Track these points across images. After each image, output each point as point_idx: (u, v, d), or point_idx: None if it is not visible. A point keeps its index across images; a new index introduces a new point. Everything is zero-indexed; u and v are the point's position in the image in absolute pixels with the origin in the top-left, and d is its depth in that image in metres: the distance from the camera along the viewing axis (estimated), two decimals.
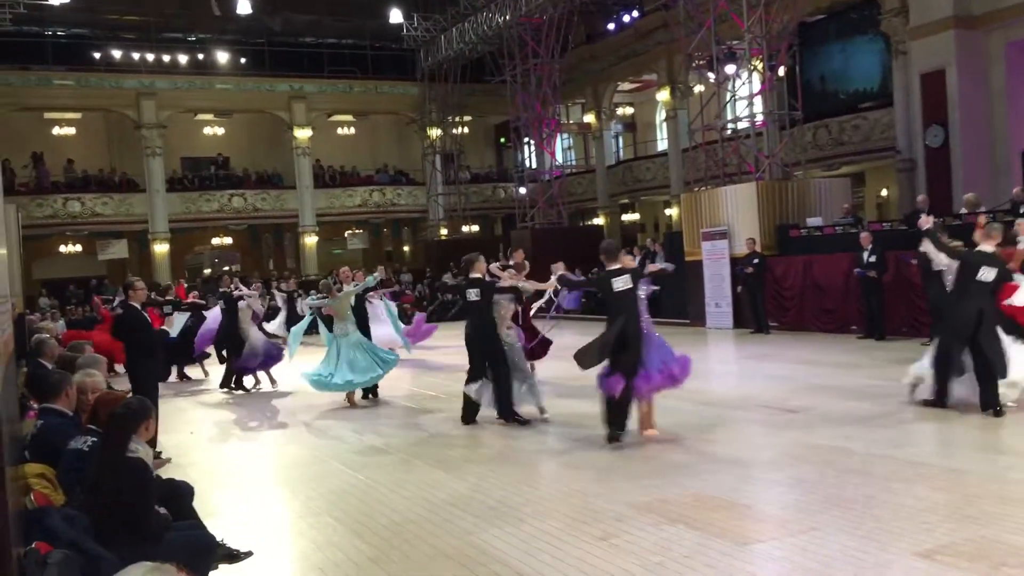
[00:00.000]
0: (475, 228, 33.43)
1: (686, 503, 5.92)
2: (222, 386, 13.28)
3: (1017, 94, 17.63)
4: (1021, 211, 13.04)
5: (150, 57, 29.49)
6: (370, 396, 11.35)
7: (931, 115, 18.12)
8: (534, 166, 28.09)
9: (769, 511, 5.72)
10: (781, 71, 19.07)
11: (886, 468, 6.56)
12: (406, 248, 36.24)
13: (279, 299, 20.21)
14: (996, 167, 17.61)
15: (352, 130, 34.07)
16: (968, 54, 17.71)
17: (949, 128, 17.79)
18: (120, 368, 13.42)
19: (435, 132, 31.97)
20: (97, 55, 29.28)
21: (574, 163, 33.63)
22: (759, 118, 18.43)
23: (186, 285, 20.04)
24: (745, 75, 18.97)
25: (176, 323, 15.01)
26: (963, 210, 14.10)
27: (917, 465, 6.57)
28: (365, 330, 11.60)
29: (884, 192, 23.50)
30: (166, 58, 29.88)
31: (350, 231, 33.09)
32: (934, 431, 7.89)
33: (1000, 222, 9.33)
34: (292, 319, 19.98)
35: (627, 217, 32.06)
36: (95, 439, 4.62)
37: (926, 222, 8.59)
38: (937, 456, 6.81)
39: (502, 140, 35.13)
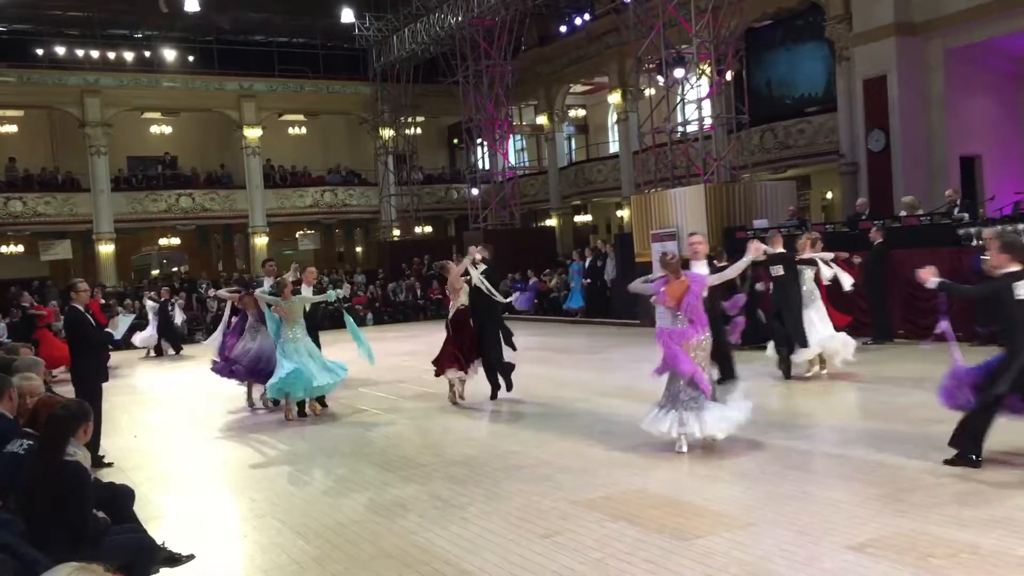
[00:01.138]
0: (428, 229, 33.36)
1: (629, 500, 6.03)
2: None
3: (955, 100, 18.14)
4: (955, 211, 13.50)
5: (95, 54, 28.96)
6: (317, 408, 10.66)
7: (873, 120, 18.55)
8: (487, 167, 28.12)
9: (710, 507, 5.83)
10: (729, 75, 19.38)
11: (824, 464, 6.74)
12: (358, 249, 36.04)
13: (149, 309, 20.01)
14: (934, 171, 18.09)
15: (303, 130, 33.78)
16: (908, 61, 18.16)
17: (890, 133, 18.23)
18: (56, 372, 13.19)
19: (387, 132, 31.83)
20: (40, 51, 28.63)
21: (527, 164, 33.77)
22: (707, 121, 18.70)
23: (101, 295, 19.71)
24: (694, 79, 19.24)
25: (121, 325, 14.70)
26: (902, 212, 14.49)
27: (854, 461, 6.76)
28: (315, 339, 10.88)
29: (829, 195, 23.97)
30: (111, 55, 29.35)
31: (301, 232, 32.80)
32: (873, 430, 8.11)
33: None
34: (165, 330, 19.91)
35: (579, 218, 32.28)
36: (31, 442, 4.55)
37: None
38: (874, 452, 6.98)
39: (455, 141, 35.10)
